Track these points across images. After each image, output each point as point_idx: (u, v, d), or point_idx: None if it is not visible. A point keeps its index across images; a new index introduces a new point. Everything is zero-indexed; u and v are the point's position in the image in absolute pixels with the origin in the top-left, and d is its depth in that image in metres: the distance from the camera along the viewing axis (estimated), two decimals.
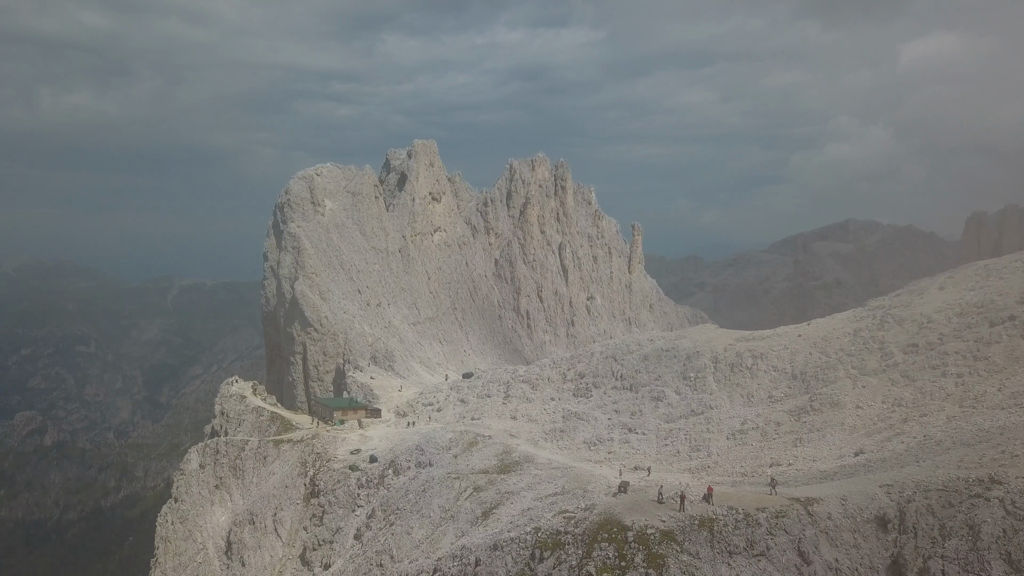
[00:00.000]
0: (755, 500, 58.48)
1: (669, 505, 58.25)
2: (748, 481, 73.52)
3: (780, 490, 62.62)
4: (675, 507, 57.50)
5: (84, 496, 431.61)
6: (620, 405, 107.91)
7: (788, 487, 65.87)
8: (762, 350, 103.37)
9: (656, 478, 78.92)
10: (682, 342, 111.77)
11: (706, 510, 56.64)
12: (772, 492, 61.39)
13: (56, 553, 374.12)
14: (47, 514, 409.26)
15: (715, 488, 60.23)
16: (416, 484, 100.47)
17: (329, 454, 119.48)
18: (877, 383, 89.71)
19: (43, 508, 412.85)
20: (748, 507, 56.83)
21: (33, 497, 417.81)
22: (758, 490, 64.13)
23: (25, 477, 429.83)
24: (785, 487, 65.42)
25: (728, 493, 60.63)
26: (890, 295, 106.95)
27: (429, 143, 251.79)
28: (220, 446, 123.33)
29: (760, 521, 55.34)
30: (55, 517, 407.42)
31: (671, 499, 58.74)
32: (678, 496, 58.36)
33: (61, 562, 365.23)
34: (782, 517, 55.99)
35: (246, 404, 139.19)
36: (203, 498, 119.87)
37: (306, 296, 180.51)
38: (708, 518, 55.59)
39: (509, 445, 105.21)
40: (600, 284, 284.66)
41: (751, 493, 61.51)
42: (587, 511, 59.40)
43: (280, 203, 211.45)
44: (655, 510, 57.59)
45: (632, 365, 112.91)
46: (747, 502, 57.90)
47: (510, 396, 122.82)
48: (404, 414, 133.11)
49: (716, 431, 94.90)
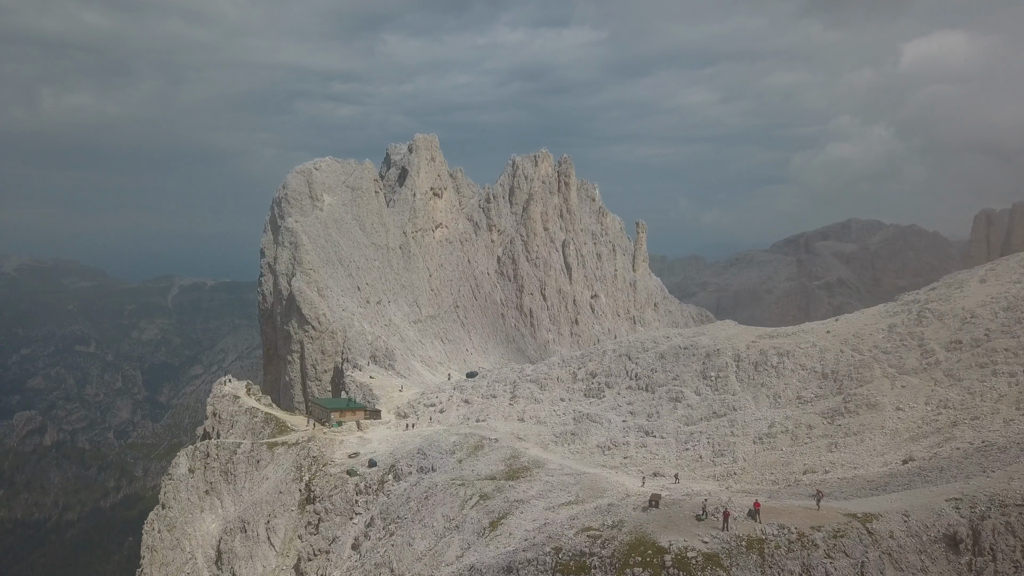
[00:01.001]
0: (807, 517, 50.53)
1: (709, 522, 50.28)
2: (788, 492, 65.58)
3: (828, 504, 54.74)
4: (716, 525, 49.63)
5: (83, 496, 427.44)
6: (635, 406, 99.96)
7: (836, 500, 57.98)
8: (788, 347, 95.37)
9: (684, 487, 71.07)
10: (701, 339, 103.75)
11: (753, 529, 48.68)
12: (818, 506, 53.39)
13: (55, 553, 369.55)
14: (46, 514, 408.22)
15: (760, 502, 52.16)
16: (418, 491, 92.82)
17: (326, 458, 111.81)
18: (918, 383, 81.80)
19: (42, 508, 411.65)
20: (801, 525, 48.92)
21: (32, 497, 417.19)
22: (803, 504, 56.18)
23: (24, 477, 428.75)
24: (832, 500, 57.54)
25: (775, 508, 52.63)
26: (924, 288, 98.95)
27: (430, 137, 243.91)
28: (211, 449, 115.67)
29: (817, 542, 47.42)
30: (54, 517, 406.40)
31: (712, 516, 50.74)
32: (720, 512, 50.43)
33: (60, 562, 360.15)
34: (841, 537, 48.05)
35: (239, 405, 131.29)
36: (192, 504, 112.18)
37: (303, 293, 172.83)
38: (757, 538, 47.64)
39: (517, 449, 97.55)
40: (604, 282, 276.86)
41: (799, 508, 53.55)
42: (615, 528, 51.48)
43: (278, 198, 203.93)
44: (694, 528, 49.63)
45: (648, 364, 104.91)
46: (799, 519, 49.98)
47: (517, 396, 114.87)
48: (405, 415, 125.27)
49: (741, 434, 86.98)
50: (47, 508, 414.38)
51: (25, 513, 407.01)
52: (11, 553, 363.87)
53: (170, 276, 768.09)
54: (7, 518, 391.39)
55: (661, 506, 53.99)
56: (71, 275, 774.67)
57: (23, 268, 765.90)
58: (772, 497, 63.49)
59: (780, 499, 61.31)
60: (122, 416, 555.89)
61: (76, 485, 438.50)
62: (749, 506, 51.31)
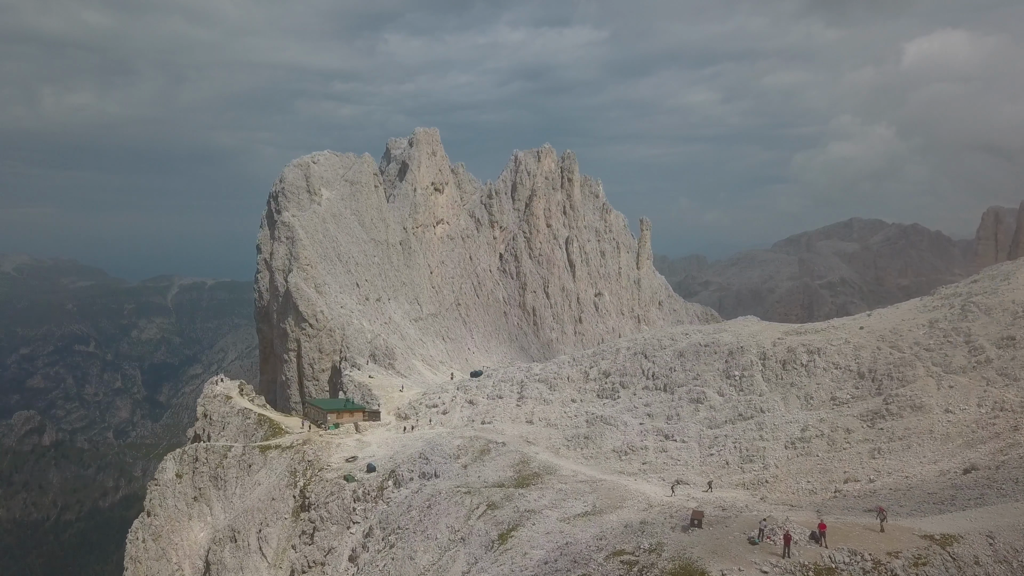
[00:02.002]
0: (879, 541, 42.60)
1: (766, 547, 42.30)
2: (837, 505, 57.65)
3: (894, 522, 46.79)
4: (775, 550, 41.72)
5: (82, 496, 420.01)
6: (653, 408, 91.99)
7: (899, 516, 50.09)
8: (819, 345, 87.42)
9: (718, 497, 63.20)
10: (722, 336, 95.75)
11: (820, 555, 40.76)
12: (881, 527, 45.10)
13: (54, 553, 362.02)
14: (45, 514, 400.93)
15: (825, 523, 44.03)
16: (420, 499, 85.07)
17: (322, 462, 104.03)
18: (968, 382, 73.97)
19: (41, 508, 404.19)
20: (875, 551, 41.00)
21: (31, 497, 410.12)
22: (862, 522, 48.19)
23: (23, 477, 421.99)
24: (894, 516, 49.61)
25: (838, 528, 44.63)
26: (964, 281, 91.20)
27: (431, 131, 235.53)
28: (200, 453, 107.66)
29: (897, 571, 39.53)
30: (53, 517, 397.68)
31: (769, 539, 42.73)
32: (778, 534, 42.48)
33: (59, 562, 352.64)
34: (923, 565, 40.13)
35: (231, 406, 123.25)
36: (179, 512, 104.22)
37: (300, 289, 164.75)
38: (826, 567, 39.76)
39: (526, 454, 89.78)
40: (608, 280, 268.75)
41: (863, 527, 45.59)
42: (653, 553, 43.57)
43: (274, 192, 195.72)
44: (748, 554, 41.66)
45: (665, 362, 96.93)
46: (870, 543, 42.08)
47: (525, 397, 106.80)
48: (406, 417, 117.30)
49: (771, 438, 79.10)
50: (45, 508, 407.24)
51: (23, 513, 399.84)
52: (9, 553, 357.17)
53: (170, 275, 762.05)
54: (5, 518, 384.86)
55: (705, 525, 45.99)
56: (70, 274, 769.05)
57: (23, 267, 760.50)
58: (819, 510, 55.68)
59: (829, 512, 53.48)
60: (121, 416, 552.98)
61: (75, 485, 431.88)
62: (812, 527, 43.28)
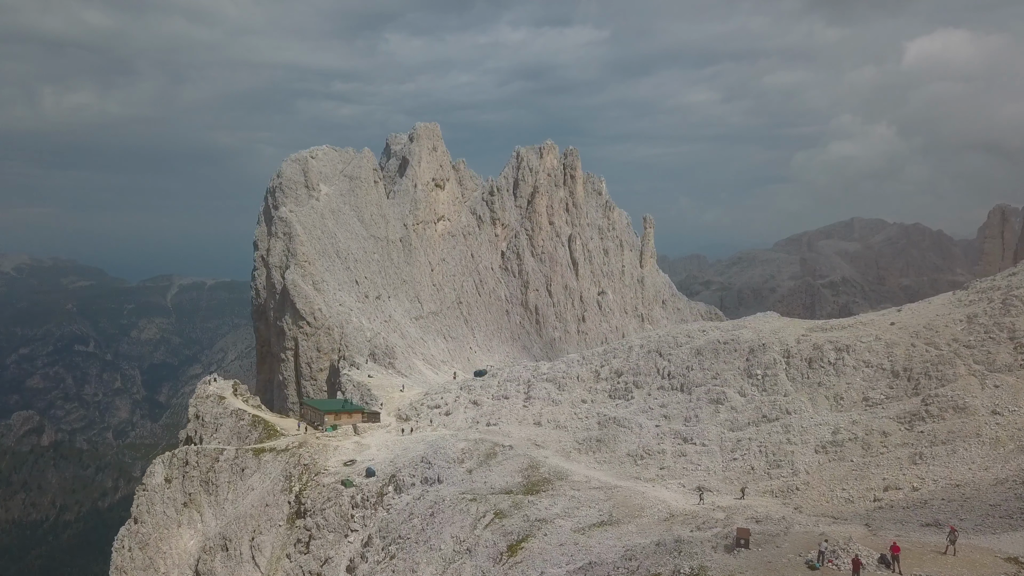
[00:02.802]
0: (959, 566, 36.39)
1: (828, 572, 36.10)
2: (887, 518, 51.39)
3: (965, 541, 40.64)
4: (836, 573, 35.55)
5: (81, 496, 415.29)
6: (670, 409, 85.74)
7: (968, 534, 43.85)
8: (847, 341, 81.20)
9: (748, 506, 57.03)
10: (742, 333, 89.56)
11: None
12: (952, 549, 38.65)
13: (52, 554, 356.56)
14: (44, 514, 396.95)
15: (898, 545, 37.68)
16: (422, 506, 78.81)
17: (318, 466, 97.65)
18: (1015, 382, 67.83)
19: (40, 508, 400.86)
20: None
21: (30, 497, 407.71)
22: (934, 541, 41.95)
23: (21, 477, 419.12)
24: (964, 535, 43.37)
25: (909, 549, 38.38)
26: (1002, 274, 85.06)
27: (432, 126, 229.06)
28: (190, 456, 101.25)
29: None
30: (52, 518, 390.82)
31: (830, 564, 36.49)
32: (841, 558, 36.27)
33: (58, 563, 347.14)
34: None
35: (224, 407, 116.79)
36: (168, 519, 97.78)
37: (298, 286, 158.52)
38: None
39: (535, 458, 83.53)
40: (611, 278, 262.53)
41: (933, 549, 39.37)
42: None
43: (272, 187, 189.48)
44: None
45: (682, 361, 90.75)
46: (948, 568, 35.87)
47: (532, 398, 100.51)
48: (407, 418, 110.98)
49: (799, 442, 72.90)
50: (44, 508, 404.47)
51: (22, 513, 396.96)
52: (8, 554, 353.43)
53: (169, 275, 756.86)
54: (4, 518, 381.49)
55: (752, 545, 39.75)
56: (70, 274, 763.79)
57: (22, 267, 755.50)
58: (868, 523, 49.49)
59: (880, 526, 47.36)
60: (121, 416, 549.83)
61: (74, 485, 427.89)
62: (880, 548, 37.07)
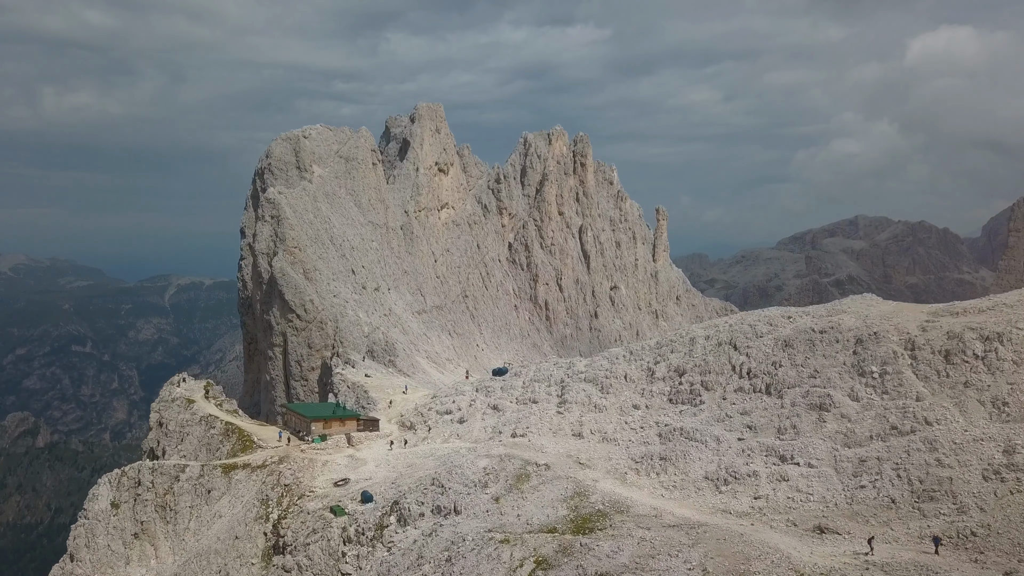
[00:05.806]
0: None
1: None
2: None
3: None
4: None
5: (76, 499, 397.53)
6: (755, 417, 63.96)
7: None
8: (998, 329, 59.76)
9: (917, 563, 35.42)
10: (843, 319, 67.76)
11: None
12: None
13: (47, 558, 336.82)
14: (38, 517, 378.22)
15: None
16: (435, 546, 57.47)
17: (302, 487, 76.16)
18: None
19: (34, 511, 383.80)
20: None
21: (24, 500, 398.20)
22: None
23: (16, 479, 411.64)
24: None
25: None
26: None
27: (435, 106, 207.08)
28: (143, 475, 79.21)
29: None
30: (46, 520, 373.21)
31: None
32: None
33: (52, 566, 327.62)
34: None
35: (192, 412, 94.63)
36: (114, 555, 75.93)
37: (286, 274, 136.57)
38: None
39: (582, 481, 61.82)
40: (624, 272, 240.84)
41: None
42: None
43: (260, 169, 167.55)
44: None
45: (764, 355, 69.02)
46: None
47: (568, 402, 78.32)
48: (411, 425, 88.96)
49: (956, 464, 51.43)
50: (39, 511, 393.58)
51: (16, 516, 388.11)
52: (2, 556, 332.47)
53: (167, 275, 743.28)
54: None
55: None
56: (68, 274, 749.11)
57: (20, 267, 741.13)
58: None
59: None
60: (118, 417, 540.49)
61: (69, 487, 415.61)
62: None
